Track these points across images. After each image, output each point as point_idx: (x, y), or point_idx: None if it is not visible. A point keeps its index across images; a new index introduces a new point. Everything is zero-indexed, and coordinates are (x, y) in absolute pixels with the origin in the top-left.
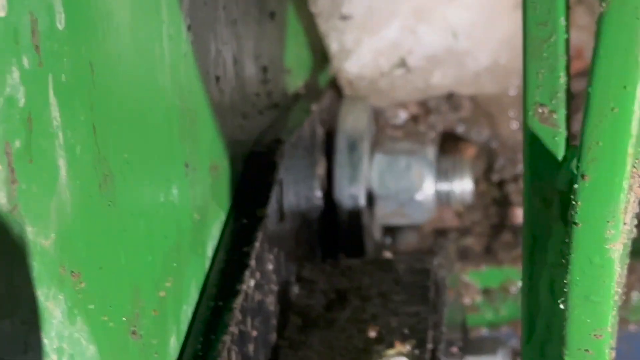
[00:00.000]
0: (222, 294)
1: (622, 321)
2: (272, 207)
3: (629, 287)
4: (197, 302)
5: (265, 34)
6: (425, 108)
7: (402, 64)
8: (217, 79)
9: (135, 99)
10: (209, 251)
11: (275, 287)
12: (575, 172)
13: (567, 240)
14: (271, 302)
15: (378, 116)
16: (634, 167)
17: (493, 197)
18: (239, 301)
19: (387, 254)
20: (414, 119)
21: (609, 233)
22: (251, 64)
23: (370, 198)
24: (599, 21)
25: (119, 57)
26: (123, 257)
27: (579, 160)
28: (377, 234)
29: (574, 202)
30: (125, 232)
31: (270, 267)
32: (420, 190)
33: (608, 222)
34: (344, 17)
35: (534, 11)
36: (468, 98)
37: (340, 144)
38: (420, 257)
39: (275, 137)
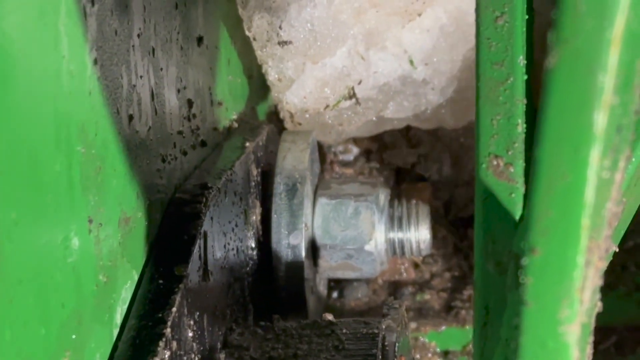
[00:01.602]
0: None
1: None
2: (193, 264)
3: None
4: None
5: (191, 62)
6: (379, 143)
7: (351, 95)
8: (130, 118)
9: (27, 148)
10: (118, 318)
11: (196, 357)
12: (524, 244)
13: (516, 322)
14: None
15: (326, 152)
16: (593, 239)
17: (455, 245)
18: None
19: (329, 316)
20: (367, 155)
21: (563, 314)
22: (173, 98)
23: (313, 248)
24: (547, 77)
25: (6, 99)
26: (8, 332)
27: (527, 232)
28: (321, 289)
29: (523, 279)
30: (12, 304)
31: (189, 334)
32: (370, 239)
33: (562, 301)
34: (283, 43)
35: (489, 49)
36: (428, 133)
37: (278, 186)
38: (366, 321)
39: (200, 181)
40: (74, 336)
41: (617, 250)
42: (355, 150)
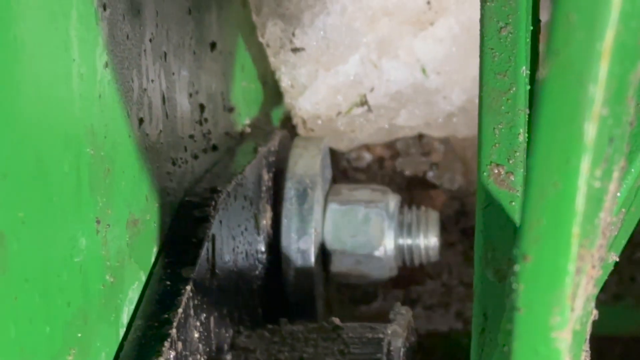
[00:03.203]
0: None
1: None
2: (201, 267)
3: None
4: None
5: (204, 67)
6: (392, 150)
7: (363, 102)
8: (141, 121)
9: (35, 148)
10: (124, 318)
11: (202, 358)
12: (516, 251)
13: (509, 327)
14: None
15: (339, 158)
16: (584, 247)
17: (466, 253)
18: None
19: (336, 320)
20: (379, 162)
21: (554, 320)
22: (185, 102)
23: (323, 254)
24: (539, 88)
25: (15, 100)
26: (13, 329)
27: (520, 239)
28: (331, 293)
29: (515, 285)
30: (17, 301)
31: (196, 335)
32: (379, 245)
33: (553, 308)
34: (297, 50)
35: (492, 59)
36: (440, 141)
37: (289, 191)
38: (372, 326)
39: (210, 185)
40: (79, 335)
41: (624, 261)
42: (367, 157)
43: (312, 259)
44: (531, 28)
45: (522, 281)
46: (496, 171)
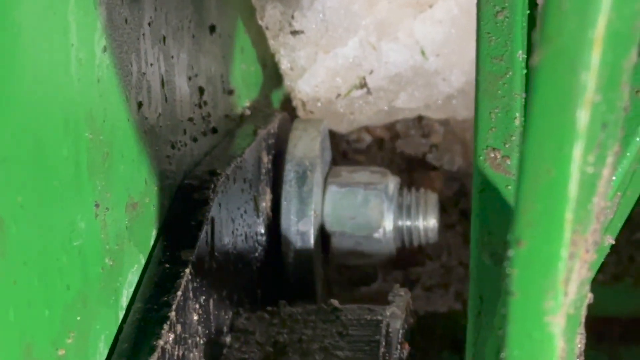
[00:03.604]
0: (136, 351)
1: None
2: (200, 250)
3: None
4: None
5: (203, 50)
6: (392, 132)
7: (362, 84)
8: (140, 104)
9: (34, 133)
10: (124, 301)
11: (201, 340)
12: (510, 236)
13: (503, 312)
14: (196, 357)
15: (339, 140)
16: (577, 232)
17: (465, 235)
18: (153, 359)
19: (334, 302)
20: (379, 143)
21: (547, 305)
22: (184, 85)
23: (323, 236)
24: (532, 75)
25: (14, 85)
26: (12, 313)
27: (514, 225)
28: (330, 275)
29: (509, 270)
30: (16, 285)
31: (195, 317)
32: (379, 227)
33: (546, 292)
34: (296, 32)
35: (488, 43)
36: (439, 123)
37: (289, 173)
38: (370, 307)
39: (209, 168)
40: (78, 318)
41: (623, 241)
42: (367, 138)
43: (312, 241)
44: (527, 12)
45: (516, 266)
46: (492, 155)
